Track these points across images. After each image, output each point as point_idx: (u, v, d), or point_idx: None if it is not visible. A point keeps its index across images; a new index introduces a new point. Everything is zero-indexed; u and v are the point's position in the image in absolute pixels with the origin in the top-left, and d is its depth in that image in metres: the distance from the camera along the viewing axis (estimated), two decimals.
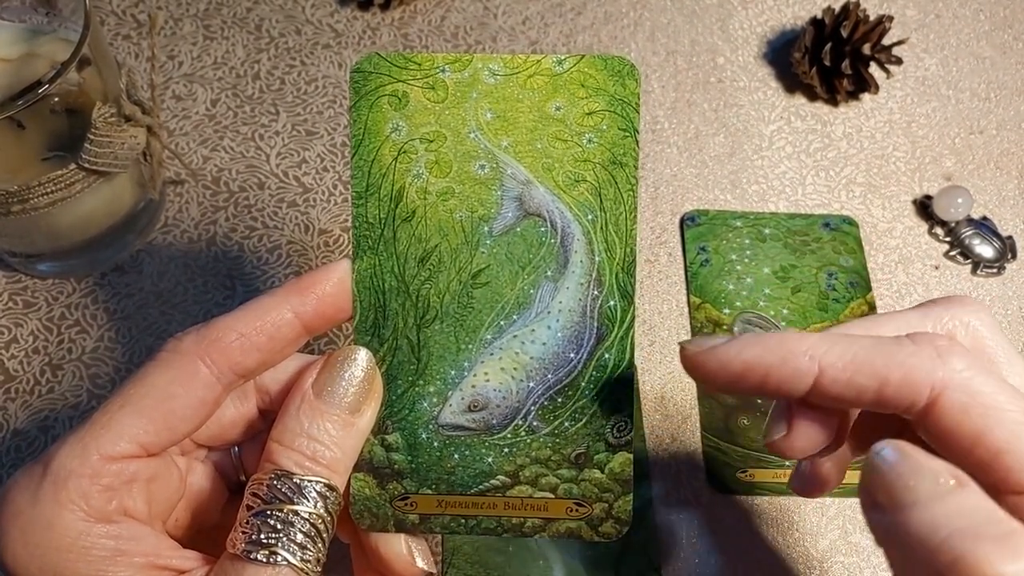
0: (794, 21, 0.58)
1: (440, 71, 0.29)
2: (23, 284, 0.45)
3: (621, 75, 0.29)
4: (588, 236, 0.29)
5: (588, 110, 0.29)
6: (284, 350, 0.29)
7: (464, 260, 0.29)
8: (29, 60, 0.40)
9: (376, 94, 0.29)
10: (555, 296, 0.29)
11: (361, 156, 0.29)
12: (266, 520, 0.26)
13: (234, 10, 0.55)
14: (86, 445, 0.26)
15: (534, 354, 0.29)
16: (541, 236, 0.29)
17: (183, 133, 0.50)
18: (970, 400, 0.24)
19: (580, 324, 0.29)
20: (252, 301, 0.29)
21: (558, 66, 0.29)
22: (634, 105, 0.29)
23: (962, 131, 0.55)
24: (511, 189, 0.29)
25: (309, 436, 0.27)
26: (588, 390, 0.29)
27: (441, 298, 0.29)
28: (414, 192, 0.29)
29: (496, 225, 0.29)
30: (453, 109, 0.29)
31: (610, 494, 0.30)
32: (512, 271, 0.29)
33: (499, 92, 0.29)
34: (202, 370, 0.27)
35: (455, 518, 0.30)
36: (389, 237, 0.29)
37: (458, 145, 0.29)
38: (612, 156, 0.29)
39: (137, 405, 0.27)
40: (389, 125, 0.29)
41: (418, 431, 0.29)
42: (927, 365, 0.24)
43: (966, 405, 0.24)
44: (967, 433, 0.24)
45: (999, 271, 0.50)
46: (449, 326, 0.29)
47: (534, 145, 0.29)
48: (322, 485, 0.27)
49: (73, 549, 0.26)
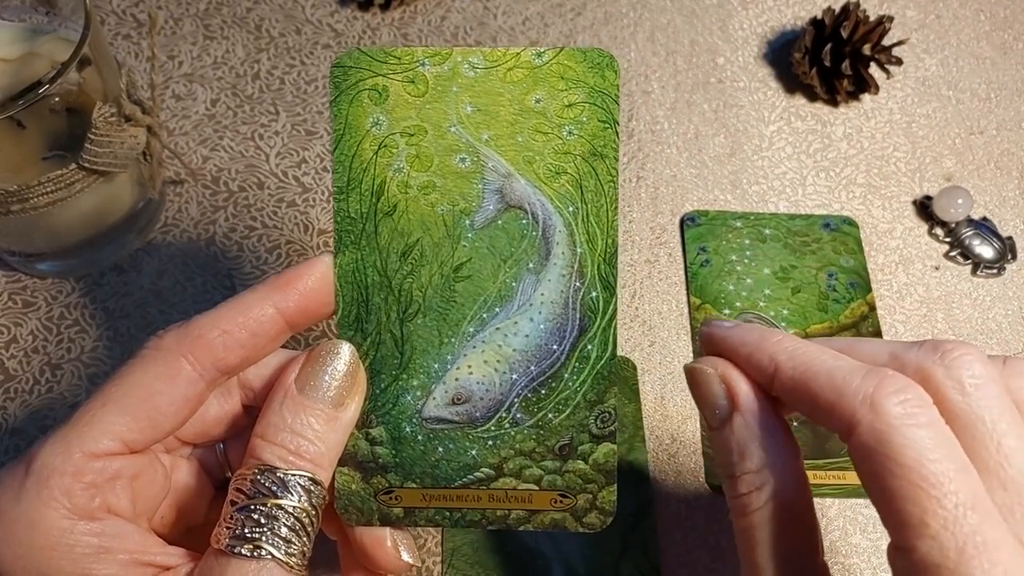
0: (794, 21, 0.58)
1: (420, 65, 0.29)
2: (23, 284, 0.45)
3: (600, 67, 0.29)
4: (570, 228, 0.29)
5: (568, 102, 0.29)
6: (267, 346, 0.29)
7: (446, 254, 0.29)
8: (29, 60, 0.40)
9: (356, 88, 0.29)
10: (537, 288, 0.29)
11: (342, 151, 0.29)
12: (250, 515, 0.26)
13: (234, 10, 0.55)
14: (69, 443, 0.26)
15: (517, 346, 0.29)
16: (523, 228, 0.29)
17: (183, 133, 0.50)
18: (874, 447, 0.24)
19: (562, 316, 0.29)
20: (234, 298, 0.29)
21: (537, 59, 0.29)
22: (614, 96, 0.29)
23: (962, 131, 0.55)
24: (492, 182, 0.29)
25: (292, 431, 0.27)
26: (571, 381, 0.29)
27: (423, 292, 0.29)
28: (395, 186, 0.29)
29: (478, 218, 0.29)
30: (433, 103, 0.29)
31: (594, 485, 0.30)
32: (494, 264, 0.29)
33: (479, 85, 0.29)
34: (185, 367, 0.27)
35: (440, 511, 0.30)
36: (371, 231, 0.29)
37: (439, 139, 0.29)
38: (592, 148, 0.29)
39: (120, 403, 0.27)
40: (370, 119, 0.29)
41: (402, 425, 0.29)
42: (853, 402, 0.24)
43: (869, 451, 0.24)
44: (864, 475, 0.25)
45: (999, 271, 0.50)
46: (432, 320, 0.29)
47: (515, 138, 0.29)
48: (306, 479, 0.27)
49: (57, 547, 0.26)
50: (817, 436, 0.44)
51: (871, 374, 0.25)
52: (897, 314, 0.48)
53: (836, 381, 0.25)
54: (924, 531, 0.23)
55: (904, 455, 0.23)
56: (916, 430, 0.24)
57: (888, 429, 0.24)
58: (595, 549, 0.40)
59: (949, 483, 0.23)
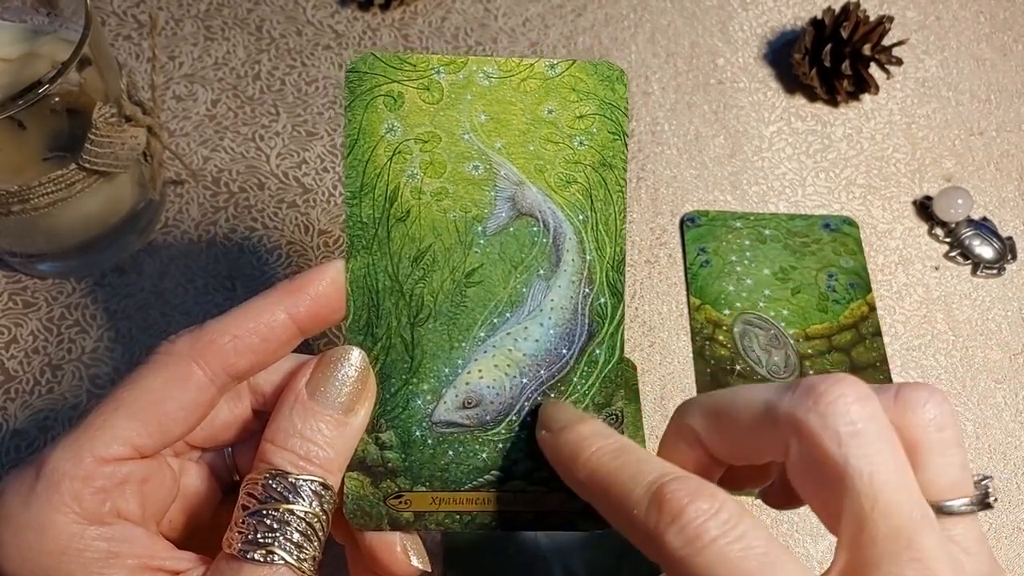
0: (794, 22, 0.59)
1: (435, 72, 0.29)
2: (23, 284, 0.45)
3: (611, 80, 0.29)
4: (579, 236, 0.29)
5: (579, 113, 0.29)
6: (278, 351, 0.29)
7: (458, 259, 0.29)
8: (29, 60, 0.40)
9: (371, 94, 0.29)
10: (547, 294, 0.30)
11: (355, 156, 0.29)
12: (262, 520, 0.26)
13: (235, 11, 0.55)
14: (79, 447, 0.26)
15: (527, 351, 0.30)
16: (533, 236, 0.29)
17: (183, 133, 0.50)
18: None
19: (572, 321, 0.30)
20: (246, 303, 0.28)
21: (551, 70, 0.29)
22: (623, 109, 0.29)
23: (962, 132, 0.55)
24: (504, 190, 0.29)
25: (303, 436, 0.27)
26: (580, 385, 0.30)
27: (435, 297, 0.29)
28: (408, 192, 0.29)
29: (489, 225, 0.29)
30: (448, 110, 0.29)
31: None
32: (505, 270, 0.29)
33: (493, 94, 0.29)
34: (196, 372, 0.27)
35: (449, 514, 0.30)
36: (383, 237, 0.29)
37: (452, 146, 0.29)
38: (602, 158, 0.29)
39: (131, 407, 0.27)
40: (384, 125, 0.29)
41: (412, 429, 0.29)
42: (642, 535, 0.23)
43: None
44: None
45: (999, 272, 0.50)
46: (442, 324, 0.29)
47: (527, 147, 0.29)
48: (317, 484, 0.27)
49: (67, 552, 0.26)
50: None
51: (652, 500, 0.23)
52: (897, 314, 0.49)
53: (622, 503, 0.24)
54: None
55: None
56: (697, 558, 0.22)
57: (677, 566, 0.22)
58: (595, 550, 0.40)
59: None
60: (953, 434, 0.25)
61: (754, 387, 0.26)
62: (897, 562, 0.22)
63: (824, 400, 0.23)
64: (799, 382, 0.24)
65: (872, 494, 0.22)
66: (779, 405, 0.24)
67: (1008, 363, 0.48)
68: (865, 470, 0.22)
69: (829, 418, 0.23)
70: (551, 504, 0.30)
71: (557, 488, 0.30)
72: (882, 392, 0.25)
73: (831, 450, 0.23)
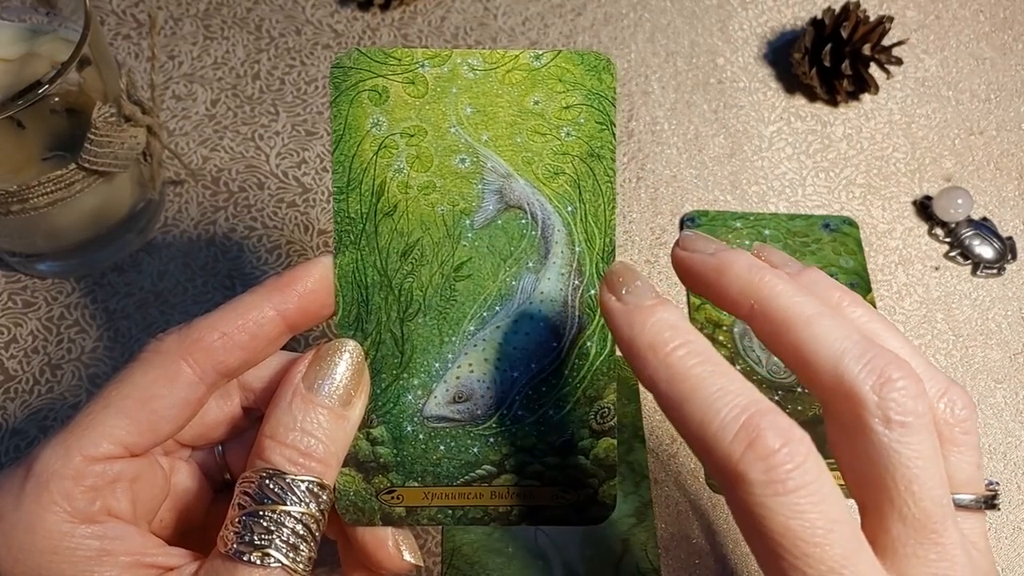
0: (794, 22, 0.58)
1: (420, 66, 0.29)
2: (23, 284, 0.45)
3: (597, 70, 0.29)
4: (568, 227, 0.29)
5: (566, 104, 0.29)
6: (267, 348, 0.29)
7: (446, 253, 0.29)
8: (29, 60, 0.40)
9: (356, 89, 0.29)
10: (537, 287, 0.29)
11: (342, 151, 0.29)
12: (258, 521, 0.26)
13: (234, 10, 0.55)
14: (68, 446, 0.26)
15: (517, 344, 0.29)
16: (522, 228, 0.29)
17: (183, 133, 0.50)
18: (738, 516, 0.24)
19: (562, 314, 0.30)
20: (233, 300, 0.28)
21: (536, 61, 0.29)
22: (610, 99, 0.29)
23: (962, 132, 0.55)
24: (492, 182, 0.29)
25: (303, 430, 0.27)
26: (571, 378, 0.30)
27: (424, 291, 0.29)
28: (395, 187, 0.29)
29: (477, 218, 0.29)
30: (433, 104, 0.29)
31: (595, 479, 0.30)
32: (494, 263, 0.29)
33: (478, 87, 0.29)
34: (185, 370, 0.27)
35: (442, 509, 0.30)
36: (371, 232, 0.29)
37: (439, 140, 0.29)
38: (590, 149, 0.29)
39: (119, 406, 0.27)
40: (370, 120, 0.29)
41: (403, 424, 0.29)
42: (728, 463, 0.24)
43: (735, 514, 0.25)
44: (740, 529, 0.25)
45: (999, 272, 0.50)
46: (432, 319, 0.29)
47: (514, 139, 0.29)
48: (314, 484, 0.27)
49: (58, 551, 0.26)
50: (817, 437, 0.43)
51: (742, 431, 0.23)
52: (897, 314, 0.48)
53: (702, 419, 0.24)
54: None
55: (767, 526, 0.23)
56: (771, 501, 0.23)
57: (748, 499, 0.23)
58: (595, 549, 0.40)
59: (814, 549, 0.23)
60: (975, 438, 0.27)
61: (831, 330, 0.26)
62: (923, 543, 0.24)
63: (888, 387, 0.25)
64: (874, 357, 0.25)
65: (908, 479, 0.24)
66: (849, 372, 0.25)
67: (1008, 363, 0.48)
68: (904, 454, 0.24)
69: (885, 401, 0.25)
70: (543, 498, 0.30)
71: (549, 483, 0.30)
72: (932, 382, 0.27)
73: (877, 430, 0.25)
